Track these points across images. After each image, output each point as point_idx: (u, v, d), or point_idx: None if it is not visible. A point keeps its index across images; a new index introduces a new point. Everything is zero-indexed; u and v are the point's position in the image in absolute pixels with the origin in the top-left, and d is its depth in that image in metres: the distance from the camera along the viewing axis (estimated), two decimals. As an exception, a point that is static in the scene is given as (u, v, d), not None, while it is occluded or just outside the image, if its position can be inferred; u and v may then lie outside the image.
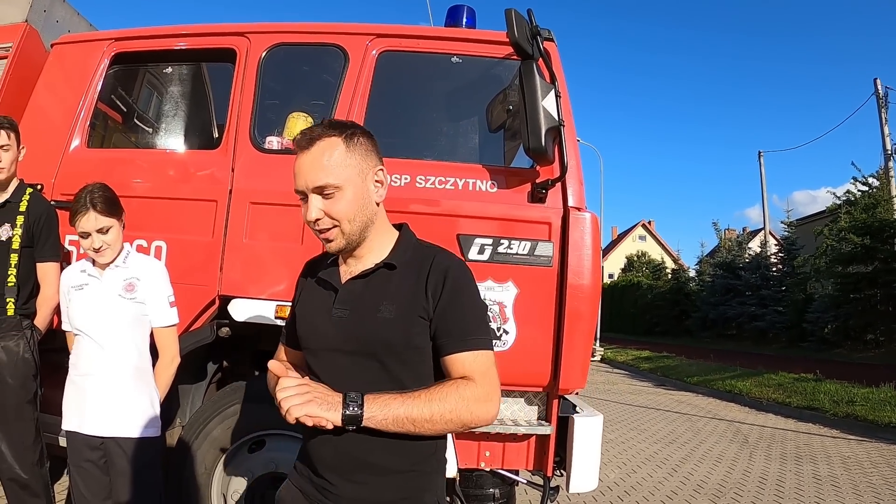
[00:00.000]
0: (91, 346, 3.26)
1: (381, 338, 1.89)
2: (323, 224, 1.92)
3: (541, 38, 3.61)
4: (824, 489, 7.37)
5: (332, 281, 2.03)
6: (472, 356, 1.91)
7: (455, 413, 1.82)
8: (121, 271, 3.32)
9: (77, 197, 3.24)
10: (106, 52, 4.36)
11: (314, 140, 1.91)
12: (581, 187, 3.79)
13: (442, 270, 1.95)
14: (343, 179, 1.90)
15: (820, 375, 15.24)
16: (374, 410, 1.76)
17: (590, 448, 3.67)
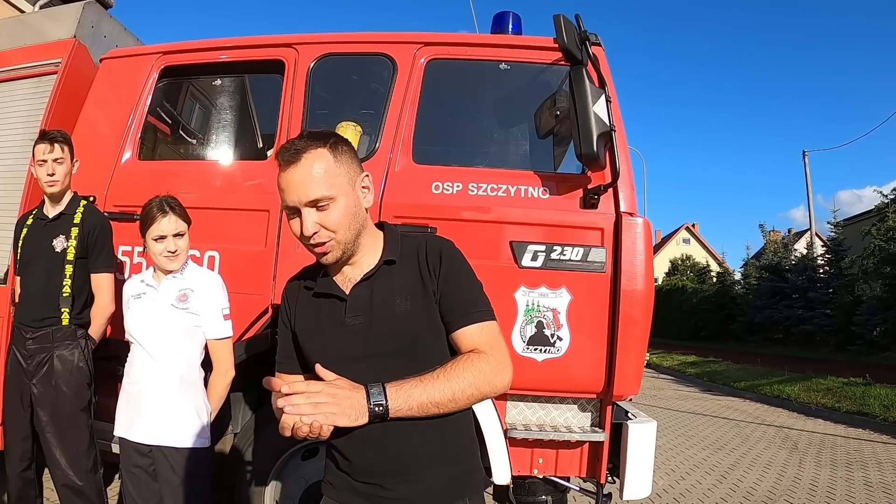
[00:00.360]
0: (142, 354, 3.32)
1: (409, 331, 1.91)
2: (319, 237, 1.89)
3: (589, 43, 3.61)
4: (876, 496, 7.21)
5: (333, 291, 2.01)
6: (479, 328, 1.93)
7: (475, 387, 1.83)
8: (177, 282, 3.37)
9: (149, 205, 3.32)
10: (154, 65, 4.44)
11: (300, 153, 1.88)
12: (632, 192, 3.77)
13: (436, 251, 1.99)
14: (336, 190, 1.89)
15: (869, 379, 14.93)
16: (399, 402, 1.75)
17: (644, 455, 3.64)
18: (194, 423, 3.31)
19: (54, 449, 3.69)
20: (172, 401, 3.28)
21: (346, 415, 1.71)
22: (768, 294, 32.51)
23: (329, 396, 1.71)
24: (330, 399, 1.70)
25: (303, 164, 1.87)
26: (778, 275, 32.68)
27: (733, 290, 39.13)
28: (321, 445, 3.76)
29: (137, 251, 4.10)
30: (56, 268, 3.78)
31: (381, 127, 3.96)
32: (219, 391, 3.46)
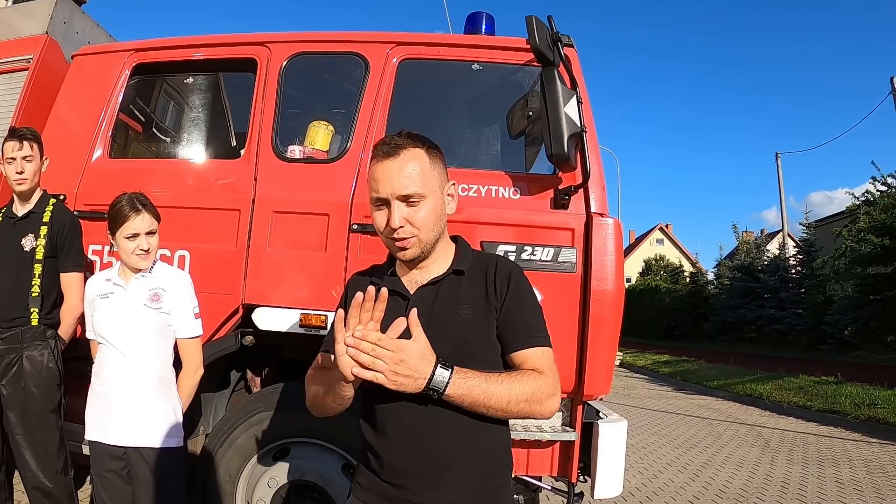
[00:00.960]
0: (115, 355, 3.27)
1: (466, 339, 1.95)
2: (404, 232, 1.95)
3: (561, 44, 3.61)
4: (847, 493, 7.31)
5: (398, 289, 2.05)
6: (540, 352, 1.98)
7: (529, 402, 1.86)
8: (147, 281, 3.33)
9: (119, 203, 3.27)
10: (126, 62, 4.39)
11: (400, 148, 1.96)
12: (603, 193, 3.78)
13: (506, 273, 2.05)
14: (427, 189, 1.96)
15: (841, 378, 15.14)
16: (458, 389, 1.79)
17: (615, 454, 3.65)
18: (170, 421, 3.29)
19: (24, 451, 3.64)
20: (147, 400, 3.25)
21: (405, 375, 1.73)
22: (741, 294, 32.84)
23: (398, 351, 1.72)
24: (399, 355, 1.72)
25: (401, 158, 1.95)
26: (750, 275, 33.00)
27: (706, 290, 39.54)
28: (292, 447, 3.76)
29: (108, 250, 4.06)
30: (25, 267, 3.73)
31: (353, 126, 3.94)
32: (188, 389, 3.44)
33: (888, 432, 10.88)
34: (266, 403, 3.74)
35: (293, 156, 4.00)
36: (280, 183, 3.93)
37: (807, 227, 31.97)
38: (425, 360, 1.76)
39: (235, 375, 4.32)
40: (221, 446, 3.76)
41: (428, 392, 1.77)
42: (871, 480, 7.91)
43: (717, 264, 39.94)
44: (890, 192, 24.31)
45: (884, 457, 9.33)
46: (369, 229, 3.72)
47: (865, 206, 25.22)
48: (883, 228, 22.60)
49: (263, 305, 3.83)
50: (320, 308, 3.74)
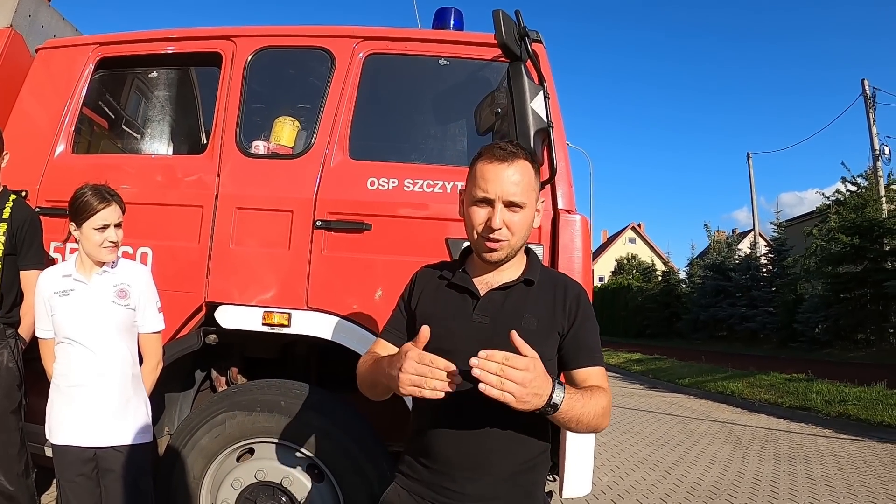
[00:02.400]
0: (83, 353, 3.18)
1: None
2: (501, 234, 2.04)
3: (529, 40, 3.57)
4: (818, 489, 7.36)
5: (470, 288, 2.16)
6: (600, 371, 2.12)
7: (603, 417, 1.98)
8: (110, 276, 3.26)
9: (83, 193, 3.20)
10: (91, 56, 4.31)
11: (516, 156, 2.04)
12: (571, 189, 3.76)
13: (576, 294, 2.18)
14: (529, 201, 2.07)
15: (811, 375, 15.26)
16: (566, 406, 1.83)
17: (582, 452, 3.62)
18: (141, 418, 3.26)
19: None
20: (119, 398, 3.19)
21: (534, 394, 1.75)
22: (712, 292, 33.13)
23: (528, 370, 1.74)
24: (529, 374, 1.73)
25: (515, 166, 2.04)
26: (722, 274, 33.30)
27: (678, 289, 39.85)
28: (256, 447, 3.70)
29: (70, 248, 3.96)
30: None
31: (318, 122, 3.89)
32: (149, 384, 3.40)
33: (858, 429, 10.98)
34: (230, 403, 3.68)
35: (257, 151, 3.94)
36: (244, 179, 3.87)
37: (778, 227, 32.30)
38: (547, 377, 1.81)
39: (200, 375, 4.26)
40: (185, 447, 3.70)
41: (545, 409, 1.81)
42: (843, 476, 7.97)
43: (689, 263, 40.29)
44: (860, 192, 24.65)
45: (854, 453, 9.40)
46: (333, 226, 3.68)
47: (836, 205, 25.66)
48: (853, 228, 22.95)
49: (227, 303, 3.78)
50: (283, 306, 3.70)
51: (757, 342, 29.92)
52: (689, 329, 35.63)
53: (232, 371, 4.15)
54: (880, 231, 22.49)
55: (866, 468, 8.43)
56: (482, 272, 2.18)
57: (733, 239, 38.24)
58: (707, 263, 35.51)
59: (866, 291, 23.37)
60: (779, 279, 30.68)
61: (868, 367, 16.30)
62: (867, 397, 12.51)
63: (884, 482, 7.70)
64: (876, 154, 24.21)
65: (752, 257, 33.01)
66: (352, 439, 3.54)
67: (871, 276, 22.62)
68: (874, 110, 24.50)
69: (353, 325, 3.65)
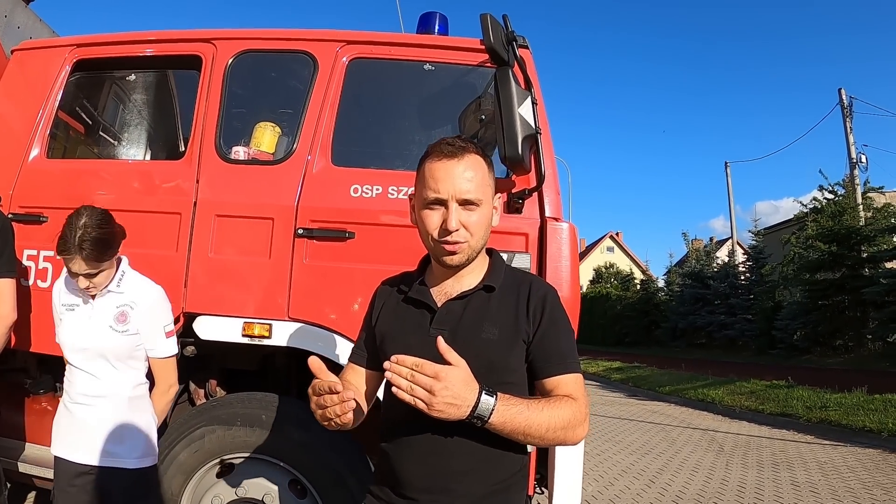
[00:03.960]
0: (82, 375, 3.02)
1: (486, 359, 1.89)
2: (458, 236, 1.91)
3: (516, 44, 3.52)
4: (803, 495, 7.37)
5: (425, 300, 2.03)
6: (573, 378, 1.96)
7: (564, 430, 1.83)
8: (113, 297, 3.05)
9: (66, 231, 2.88)
10: (67, 58, 4.20)
11: (465, 151, 1.93)
12: (558, 197, 3.70)
13: (541, 296, 2.01)
14: (485, 197, 1.95)
15: (792, 382, 15.36)
16: (501, 417, 1.73)
17: (571, 465, 3.55)
18: (144, 441, 3.08)
19: None
20: (122, 421, 3.02)
21: (448, 403, 1.66)
22: (691, 300, 33.32)
23: (441, 378, 1.65)
24: (441, 382, 1.65)
25: (465, 162, 1.93)
26: (700, 282, 33.50)
27: (657, 297, 40.08)
28: (237, 463, 3.60)
29: (43, 255, 3.85)
30: None
31: (300, 127, 3.80)
32: (162, 407, 3.23)
33: (840, 434, 11.05)
34: (209, 417, 3.58)
35: (237, 157, 3.84)
36: (223, 185, 3.76)
37: (755, 235, 32.56)
38: (469, 386, 1.71)
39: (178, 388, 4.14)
40: (163, 463, 3.57)
41: (472, 420, 1.72)
42: (827, 482, 7.98)
43: (668, 271, 40.54)
44: (837, 199, 24.89)
45: (837, 458, 9.44)
46: (315, 234, 3.59)
47: (813, 213, 25.84)
48: (830, 235, 23.18)
49: (205, 314, 3.67)
50: (264, 317, 3.60)
51: (736, 349, 30.09)
52: (668, 337, 35.82)
53: (211, 384, 4.05)
54: (858, 238, 22.78)
55: (850, 473, 8.45)
56: (442, 279, 2.06)
57: (711, 247, 38.55)
58: (685, 271, 35.74)
59: (844, 298, 23.58)
60: (757, 287, 30.92)
61: (848, 373, 16.36)
62: (848, 403, 12.57)
63: (868, 487, 7.72)
64: (853, 162, 24.50)
65: (731, 265, 33.24)
66: (334, 453, 3.44)
67: (849, 283, 22.86)
68: (851, 119, 24.81)
69: (335, 335, 3.56)
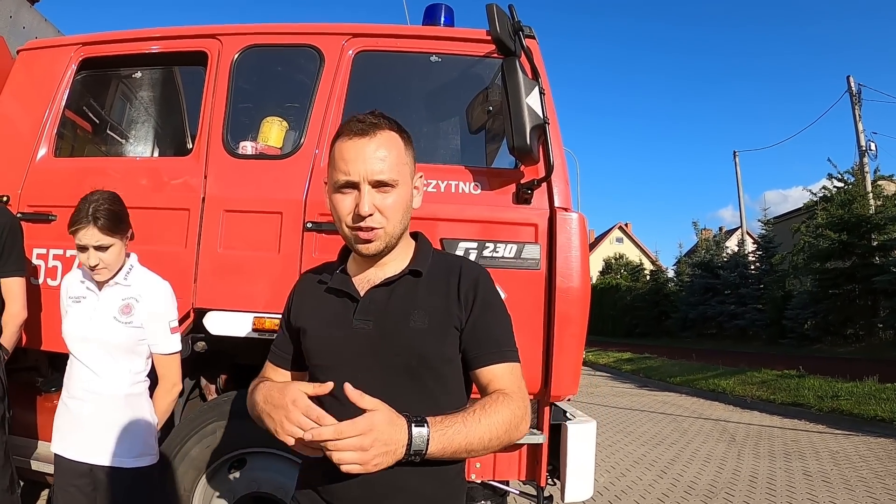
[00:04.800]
0: (82, 369, 3.01)
1: (417, 350, 1.75)
2: (373, 221, 1.74)
3: (523, 34, 3.51)
4: (815, 485, 7.34)
5: (347, 290, 1.85)
6: (509, 369, 1.81)
7: (507, 434, 1.69)
8: (120, 289, 3.04)
9: (80, 205, 2.93)
10: (73, 57, 4.21)
11: (376, 128, 1.76)
12: (567, 187, 3.68)
13: (472, 279, 1.85)
14: (400, 177, 1.78)
15: (802, 371, 15.31)
16: (438, 446, 1.57)
17: (584, 455, 3.56)
18: (141, 440, 3.04)
19: None
20: (118, 419, 2.99)
21: (381, 454, 1.50)
22: (701, 291, 33.22)
23: (365, 433, 1.48)
24: (367, 437, 1.48)
25: (377, 140, 1.75)
26: (710, 272, 33.40)
27: (666, 288, 39.98)
28: (248, 457, 3.60)
29: (53, 254, 3.86)
30: None
31: (307, 121, 3.80)
32: (164, 406, 3.19)
33: (852, 423, 11.02)
34: (219, 413, 3.58)
35: (245, 152, 3.84)
36: (231, 180, 3.76)
37: (765, 224, 32.38)
38: (396, 425, 1.53)
39: (189, 383, 4.14)
40: (175, 458, 3.59)
41: (409, 458, 1.55)
42: (839, 472, 7.95)
43: (677, 262, 40.38)
44: (846, 188, 24.76)
45: (849, 448, 9.41)
46: (325, 228, 3.58)
47: (823, 202, 25.70)
48: (840, 224, 23.05)
49: (215, 309, 3.67)
50: (274, 311, 3.59)
51: (746, 339, 30.00)
52: (678, 327, 35.74)
53: (222, 379, 4.06)
54: (868, 227, 22.64)
55: (862, 463, 8.43)
56: (364, 267, 1.89)
57: (721, 237, 38.38)
58: (695, 261, 35.61)
59: (855, 287, 23.48)
60: (767, 276, 30.79)
61: (859, 362, 16.31)
62: (859, 392, 12.54)
63: (880, 477, 7.69)
64: (862, 150, 24.34)
65: (740, 255, 33.12)
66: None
67: (860, 272, 22.76)
68: (860, 106, 24.64)
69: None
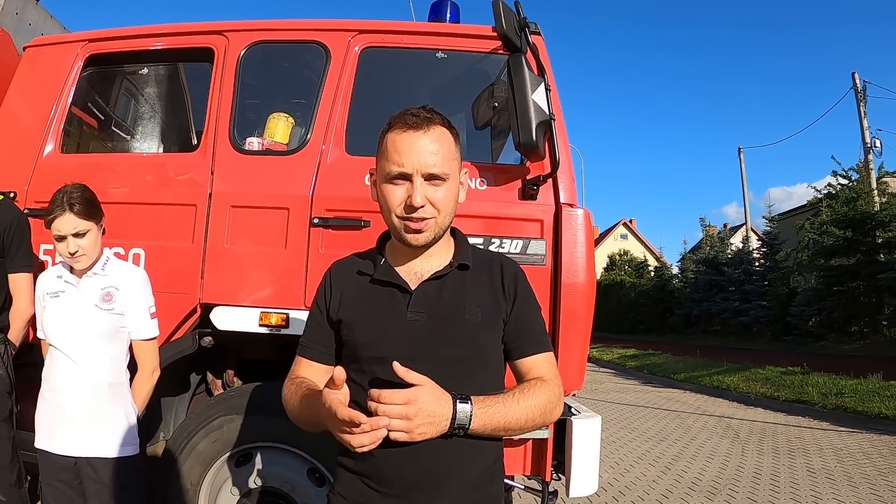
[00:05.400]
0: (64, 360, 3.06)
1: (473, 342, 1.85)
2: (424, 212, 1.80)
3: (528, 31, 3.52)
4: (819, 482, 7.33)
5: (397, 282, 1.91)
6: (546, 358, 1.93)
7: (542, 416, 1.82)
8: (99, 279, 3.13)
9: (54, 197, 3.04)
10: (80, 54, 4.22)
11: (430, 122, 1.82)
12: (573, 183, 3.69)
13: (513, 274, 1.97)
14: (451, 171, 1.85)
15: (807, 368, 15.27)
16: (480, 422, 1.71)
17: (589, 451, 3.56)
18: (123, 430, 3.08)
19: None
20: (99, 409, 3.04)
21: (426, 423, 1.65)
22: (705, 287, 33.20)
23: (410, 402, 1.62)
24: (412, 407, 1.62)
25: (431, 134, 1.82)
26: (714, 268, 33.37)
27: (671, 284, 39.95)
28: (255, 451, 3.61)
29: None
30: None
31: (314, 117, 3.81)
32: (143, 393, 3.24)
33: (856, 421, 10.99)
34: (227, 407, 3.60)
35: (251, 148, 3.86)
36: (238, 176, 3.78)
37: (769, 221, 32.34)
38: (441, 400, 1.67)
39: (196, 378, 4.17)
40: (181, 453, 3.61)
41: (454, 431, 1.69)
42: (843, 469, 7.94)
43: (682, 258, 40.37)
44: (851, 185, 24.72)
45: (853, 445, 9.39)
46: (331, 223, 3.61)
47: (827, 199, 25.67)
48: (845, 221, 23.04)
49: (222, 304, 3.69)
50: (280, 306, 3.62)
51: (750, 336, 29.96)
52: (682, 324, 35.71)
53: (228, 374, 4.07)
54: (872, 224, 22.59)
55: (865, 460, 8.41)
56: (406, 260, 1.94)
57: (725, 233, 38.38)
58: (699, 258, 35.61)
59: (859, 284, 23.44)
60: (771, 273, 30.77)
61: (863, 360, 16.29)
62: (863, 389, 12.51)
63: (884, 474, 7.68)
64: (867, 147, 24.33)
65: (745, 251, 33.09)
66: (353, 441, 3.45)
67: (864, 269, 22.71)
68: (865, 103, 24.62)
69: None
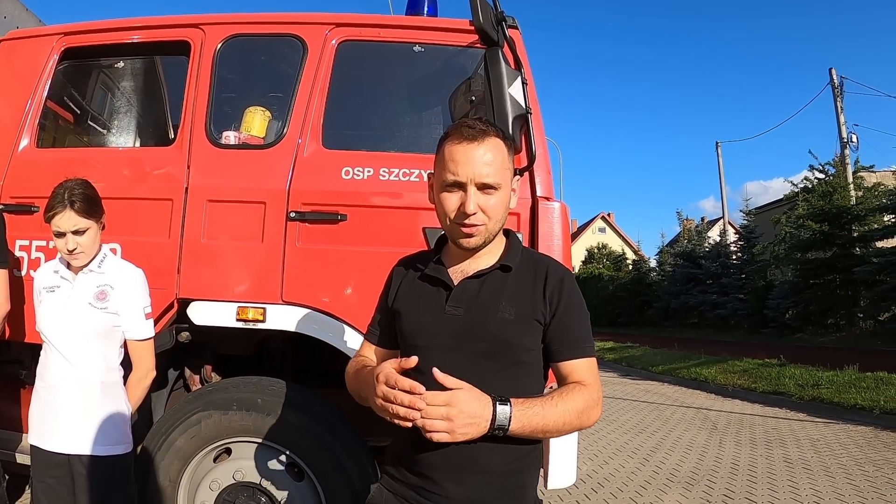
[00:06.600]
0: (57, 356, 3.03)
1: (501, 338, 1.93)
2: (476, 219, 1.91)
3: (506, 24, 3.52)
4: (796, 472, 7.41)
5: (442, 278, 2.04)
6: (587, 363, 2.00)
7: (579, 420, 1.89)
8: (94, 277, 3.10)
9: (55, 192, 3.01)
10: (55, 47, 4.17)
11: (486, 134, 1.92)
12: (549, 177, 3.70)
13: (558, 279, 2.03)
14: (503, 181, 1.94)
15: (784, 360, 15.41)
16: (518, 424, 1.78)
17: (566, 444, 3.57)
18: (116, 428, 3.07)
19: None
20: (92, 407, 3.02)
21: (467, 424, 1.73)
22: (683, 280, 33.47)
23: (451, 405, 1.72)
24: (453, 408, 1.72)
25: (486, 145, 1.91)
26: (692, 261, 33.63)
27: (649, 278, 40.25)
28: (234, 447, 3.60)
29: (35, 245, 3.83)
30: None
31: (290, 111, 3.79)
32: (138, 393, 3.23)
33: (832, 412, 11.14)
34: (204, 403, 3.58)
35: (228, 142, 3.84)
36: (214, 170, 3.76)
37: (747, 214, 32.61)
38: (482, 402, 1.76)
39: (173, 374, 4.14)
40: (160, 449, 3.58)
41: (493, 432, 1.77)
42: (819, 459, 8.04)
43: (659, 251, 40.59)
44: (828, 179, 24.98)
45: (829, 436, 9.51)
46: (307, 217, 3.60)
47: (804, 193, 25.94)
48: (821, 215, 23.33)
49: (199, 299, 3.67)
50: (258, 300, 3.61)
51: (728, 328, 30.23)
52: (660, 317, 35.97)
53: (206, 369, 4.05)
54: (848, 217, 22.93)
55: (842, 451, 8.51)
56: (458, 260, 2.07)
57: (703, 227, 38.62)
58: (677, 251, 35.88)
59: (835, 277, 23.74)
60: (748, 266, 31.05)
61: (839, 352, 16.47)
62: (840, 381, 12.64)
63: (860, 464, 7.78)
64: (844, 141, 24.60)
65: (722, 245, 33.34)
66: (331, 436, 3.45)
67: (840, 262, 23.03)
68: (842, 98, 24.90)
69: (329, 318, 3.58)
